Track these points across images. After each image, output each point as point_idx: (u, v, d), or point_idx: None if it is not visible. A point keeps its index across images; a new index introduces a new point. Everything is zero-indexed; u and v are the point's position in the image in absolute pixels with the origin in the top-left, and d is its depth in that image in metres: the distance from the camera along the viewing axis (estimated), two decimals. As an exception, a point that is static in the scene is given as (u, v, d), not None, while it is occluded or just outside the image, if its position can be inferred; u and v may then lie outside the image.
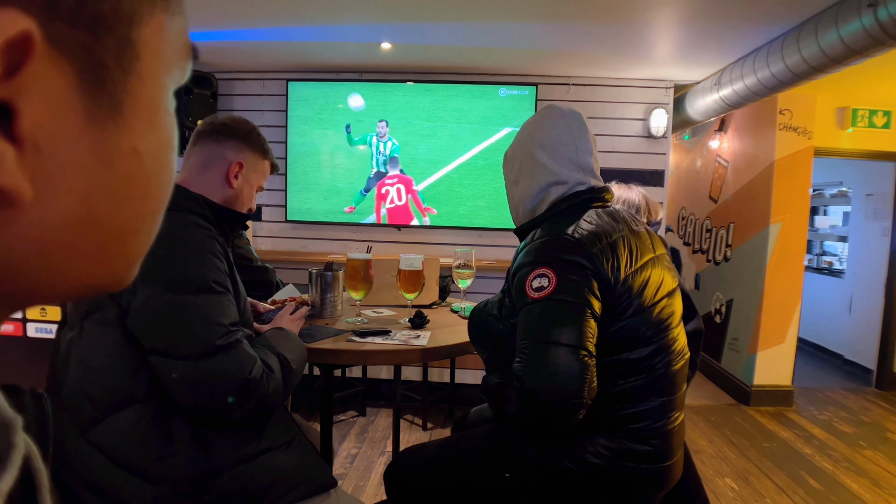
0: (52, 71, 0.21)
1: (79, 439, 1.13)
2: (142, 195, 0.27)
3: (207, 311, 1.13)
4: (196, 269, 1.15)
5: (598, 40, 3.07)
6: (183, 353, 1.09)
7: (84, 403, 1.13)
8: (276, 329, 1.39)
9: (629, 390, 1.20)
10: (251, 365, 1.14)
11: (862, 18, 2.21)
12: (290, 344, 1.33)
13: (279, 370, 1.22)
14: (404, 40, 3.20)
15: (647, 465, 1.20)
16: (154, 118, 0.27)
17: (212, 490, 1.14)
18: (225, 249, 1.24)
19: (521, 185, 1.38)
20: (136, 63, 0.25)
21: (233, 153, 1.34)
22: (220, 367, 1.10)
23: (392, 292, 2.06)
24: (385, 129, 3.76)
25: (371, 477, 2.84)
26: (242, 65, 3.82)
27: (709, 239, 5.04)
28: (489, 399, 1.32)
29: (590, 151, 1.36)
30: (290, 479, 1.23)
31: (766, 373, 4.14)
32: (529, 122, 1.40)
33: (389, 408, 3.79)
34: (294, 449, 1.28)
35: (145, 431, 1.12)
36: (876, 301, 4.71)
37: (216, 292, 1.15)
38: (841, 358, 5.28)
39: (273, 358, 1.23)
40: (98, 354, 1.15)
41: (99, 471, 1.12)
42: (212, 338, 1.11)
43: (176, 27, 0.28)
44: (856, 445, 3.44)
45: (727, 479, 2.93)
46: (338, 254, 3.77)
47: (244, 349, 1.15)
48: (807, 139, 4.06)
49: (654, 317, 1.23)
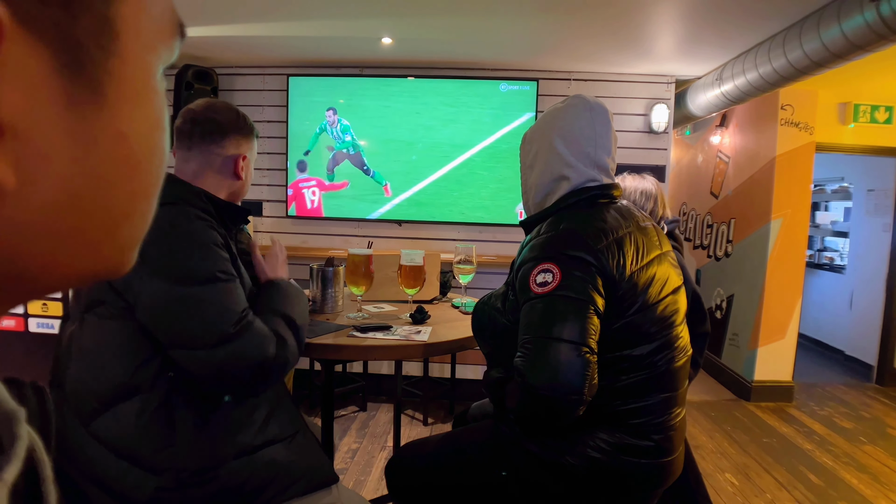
0: (27, 54, 0.21)
1: (80, 431, 1.14)
2: (130, 178, 0.26)
3: (218, 300, 1.14)
4: (201, 261, 1.16)
5: (600, 35, 3.06)
6: (202, 343, 1.11)
7: (87, 395, 1.14)
8: (269, 285, 1.36)
9: (631, 386, 1.20)
10: (268, 343, 1.17)
11: (864, 13, 2.20)
12: (288, 298, 1.33)
13: (291, 335, 1.24)
14: (405, 35, 3.19)
15: (647, 461, 1.20)
16: (140, 99, 0.26)
17: (215, 481, 1.15)
18: (226, 240, 1.25)
19: (535, 170, 1.36)
20: (115, 42, 0.24)
21: (233, 148, 1.34)
22: (239, 351, 1.13)
23: (393, 288, 2.06)
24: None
25: (372, 472, 2.84)
26: (243, 60, 3.82)
27: (710, 234, 5.04)
28: (490, 394, 1.32)
29: (608, 150, 1.35)
30: (291, 474, 1.24)
31: (766, 368, 4.14)
32: (555, 108, 1.37)
33: (390, 403, 3.80)
34: (297, 443, 1.29)
35: (148, 422, 1.13)
36: (877, 297, 4.71)
37: (223, 280, 1.17)
38: (841, 354, 5.28)
39: (281, 323, 1.24)
40: (101, 347, 1.15)
41: (100, 463, 1.12)
42: (226, 325, 1.13)
43: (159, 3, 0.27)
44: (856, 441, 3.45)
45: (727, 475, 2.94)
46: (339, 249, 3.77)
47: (258, 329, 1.17)
48: (808, 135, 4.05)
49: (658, 314, 1.23)
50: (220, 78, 3.81)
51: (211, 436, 1.17)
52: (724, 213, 4.78)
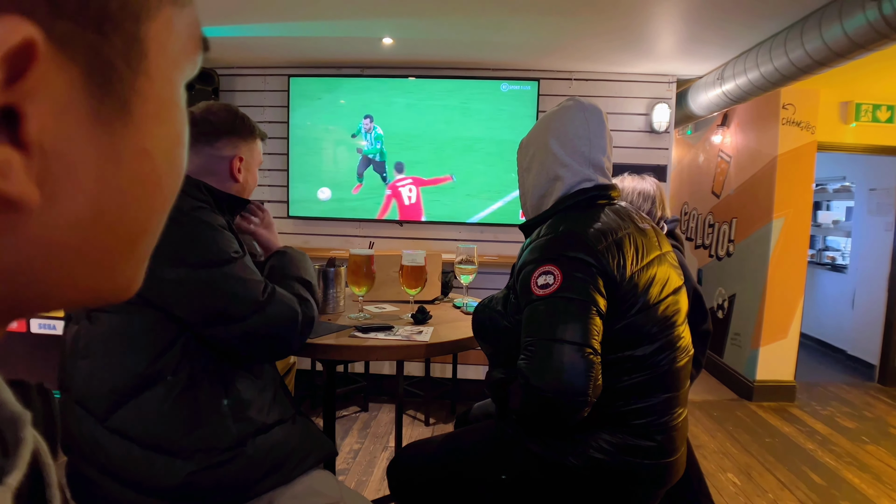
0: (58, 73, 0.21)
1: (97, 430, 1.14)
2: (152, 194, 0.26)
3: (241, 275, 1.20)
4: (214, 243, 1.20)
5: (601, 35, 3.06)
6: (238, 316, 1.17)
7: (101, 391, 1.15)
8: (275, 255, 1.46)
9: (633, 386, 1.20)
10: (294, 303, 1.26)
11: (866, 12, 2.20)
12: (295, 263, 1.43)
13: (308, 294, 1.35)
14: (406, 35, 3.20)
15: (650, 461, 1.20)
16: (164, 115, 0.26)
17: (241, 457, 1.18)
18: (229, 224, 1.29)
19: (532, 173, 1.38)
20: (144, 61, 0.24)
21: (229, 150, 1.35)
22: (274, 314, 1.21)
23: (394, 288, 2.06)
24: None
25: (374, 472, 2.84)
26: (244, 60, 3.82)
27: (711, 234, 5.03)
28: (493, 394, 1.32)
29: (603, 150, 1.35)
30: (302, 449, 1.29)
31: (768, 368, 4.13)
32: (550, 112, 1.40)
33: (392, 403, 3.80)
34: (298, 423, 1.34)
35: (171, 407, 1.15)
36: (879, 296, 4.70)
37: (239, 257, 1.22)
38: (843, 353, 5.27)
39: (297, 286, 1.35)
40: (115, 341, 1.16)
41: (122, 457, 1.13)
42: (256, 295, 1.20)
43: (185, 19, 0.27)
44: (858, 441, 3.44)
45: (729, 474, 2.93)
46: (339, 249, 3.77)
47: (281, 293, 1.26)
48: (810, 134, 4.04)
49: (659, 314, 1.23)
50: (221, 79, 3.81)
51: (231, 415, 1.19)
52: (725, 212, 4.78)
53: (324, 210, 3.88)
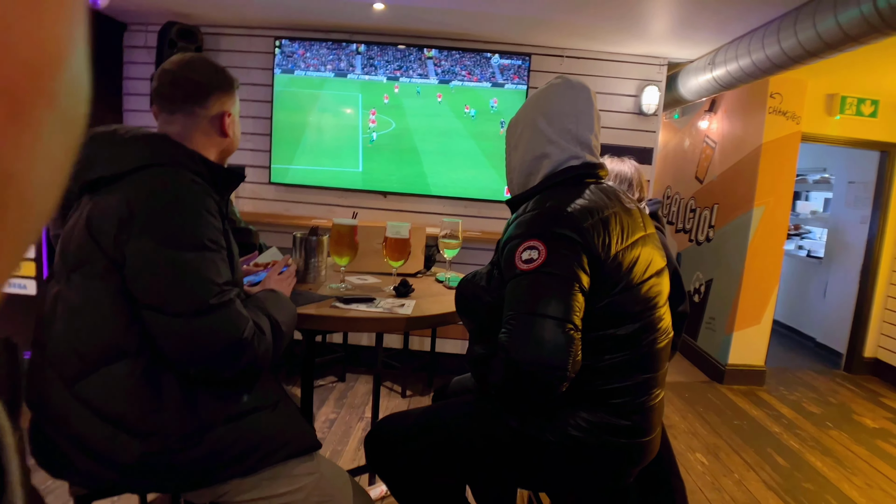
0: None
1: (64, 393, 1.12)
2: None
3: (202, 268, 1.12)
4: (191, 225, 1.13)
5: (594, 11, 3.01)
6: (176, 310, 1.09)
7: (71, 356, 1.12)
8: (269, 291, 1.38)
9: (613, 365, 1.21)
10: (244, 325, 1.14)
11: (861, 5, 2.20)
12: (281, 307, 1.32)
13: (270, 332, 1.22)
14: (398, 1, 3.12)
15: (626, 440, 1.22)
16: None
17: (200, 445, 1.15)
18: (220, 207, 1.23)
19: (519, 150, 1.38)
20: None
21: (217, 107, 1.32)
22: (213, 325, 1.10)
23: (377, 260, 2.04)
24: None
25: (349, 442, 2.86)
26: (229, 19, 3.70)
27: (692, 219, 5.08)
28: (473, 369, 1.32)
29: (590, 128, 1.35)
30: (276, 440, 1.24)
31: (740, 353, 4.22)
32: (538, 90, 1.40)
33: (369, 374, 3.81)
34: (280, 411, 1.30)
35: (135, 386, 1.12)
36: (850, 287, 4.80)
37: (210, 250, 1.14)
38: (813, 341, 5.41)
39: (265, 319, 1.22)
40: (87, 307, 1.13)
41: (84, 426, 1.11)
42: (206, 296, 1.10)
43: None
44: (822, 426, 3.55)
45: (698, 454, 3.01)
46: (322, 218, 3.73)
47: (237, 308, 1.14)
48: (795, 124, 4.07)
49: (641, 294, 1.23)
50: (205, 37, 3.70)
51: (198, 401, 1.16)
52: (707, 198, 4.82)
53: (306, 178, 3.82)
